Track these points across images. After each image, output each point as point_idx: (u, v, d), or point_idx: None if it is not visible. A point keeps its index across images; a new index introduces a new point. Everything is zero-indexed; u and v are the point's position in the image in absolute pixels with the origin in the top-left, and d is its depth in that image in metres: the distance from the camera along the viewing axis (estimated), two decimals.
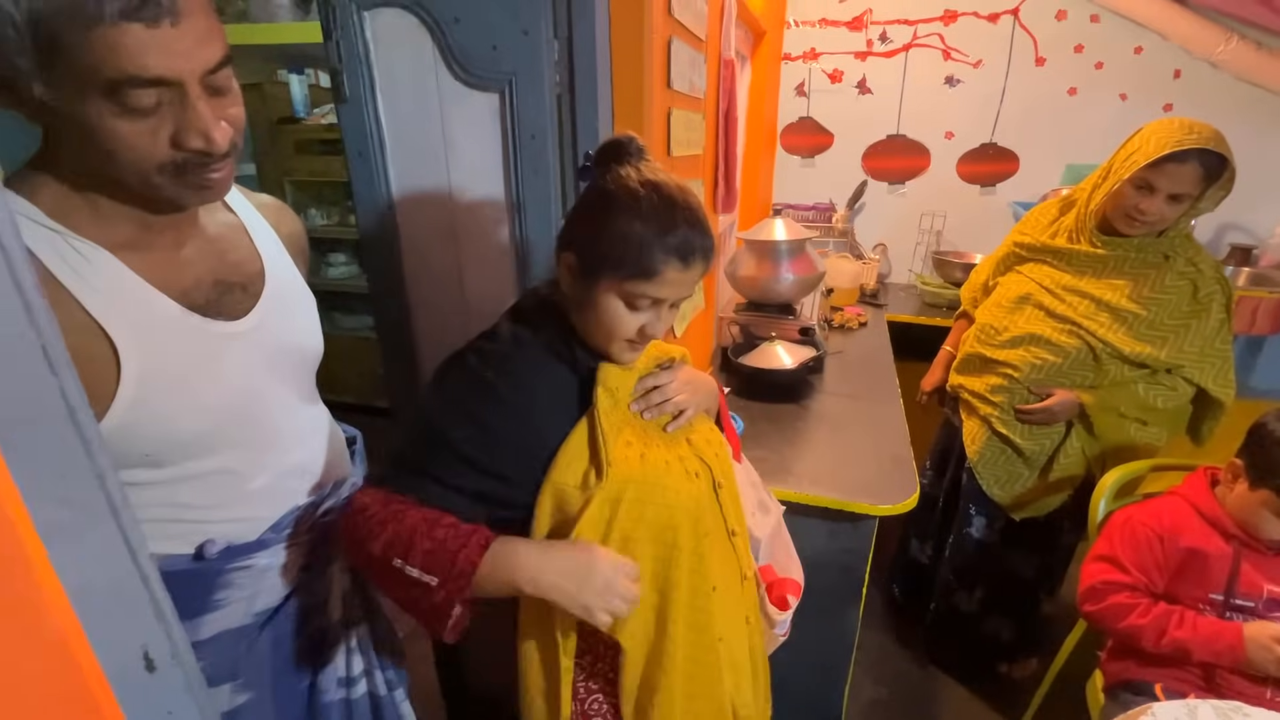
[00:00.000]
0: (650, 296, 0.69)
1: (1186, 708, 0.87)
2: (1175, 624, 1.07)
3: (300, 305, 0.75)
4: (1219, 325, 1.33)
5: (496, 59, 0.98)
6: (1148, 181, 1.25)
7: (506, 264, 1.11)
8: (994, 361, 1.51)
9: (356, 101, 1.03)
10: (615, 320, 0.70)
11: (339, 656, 0.80)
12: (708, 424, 0.88)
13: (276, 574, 0.72)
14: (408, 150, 1.08)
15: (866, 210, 2.73)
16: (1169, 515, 1.15)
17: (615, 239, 0.67)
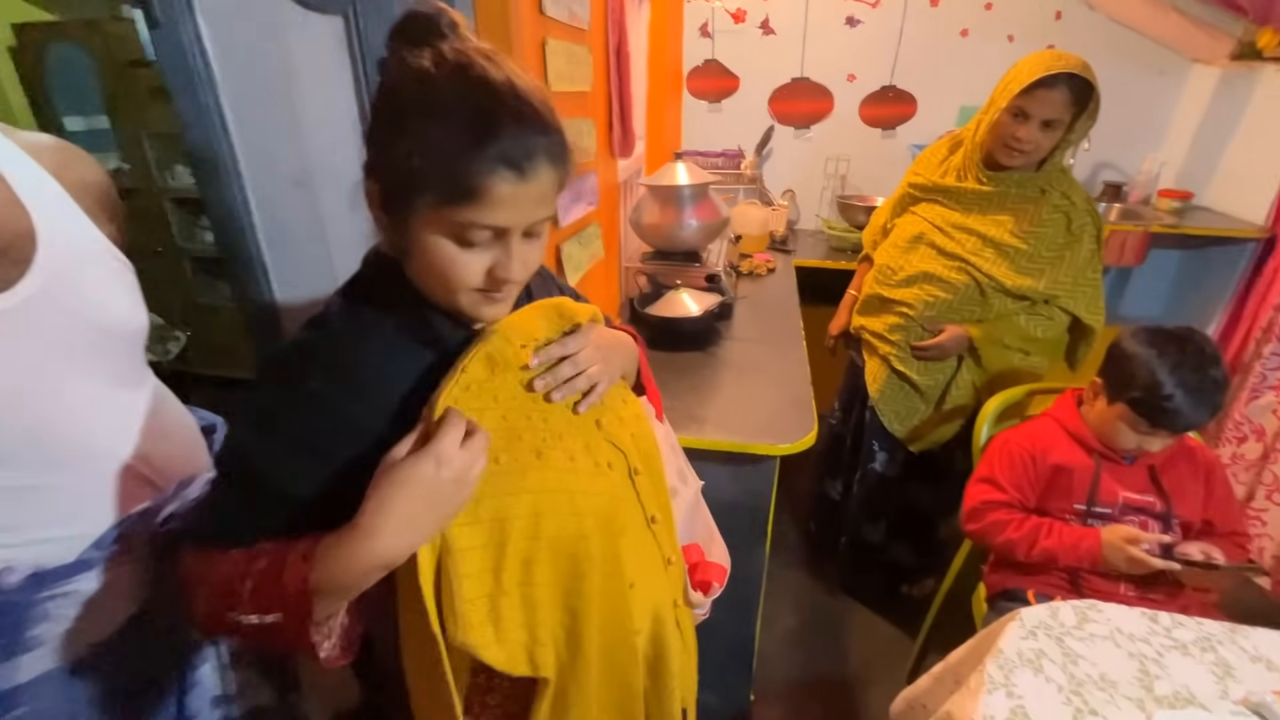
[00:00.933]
0: (484, 225, 0.53)
1: (1049, 609, 0.93)
2: (1044, 535, 1.15)
3: (102, 271, 0.61)
4: (1090, 256, 1.41)
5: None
6: (1022, 109, 1.29)
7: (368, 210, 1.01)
8: (891, 301, 1.55)
9: (172, 26, 0.89)
10: (448, 265, 0.54)
11: (209, 676, 0.70)
12: (622, 393, 0.74)
13: (109, 597, 0.61)
14: (244, 86, 0.94)
15: (774, 156, 2.73)
16: (1040, 435, 1.23)
17: (416, 151, 0.50)
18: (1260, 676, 0.84)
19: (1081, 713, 0.78)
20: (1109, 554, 1.09)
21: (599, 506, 0.62)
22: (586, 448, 0.64)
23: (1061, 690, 0.80)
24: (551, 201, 0.57)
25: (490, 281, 0.57)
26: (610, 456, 0.67)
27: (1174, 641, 0.89)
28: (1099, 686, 0.81)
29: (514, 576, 0.58)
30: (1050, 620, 0.91)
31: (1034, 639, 0.88)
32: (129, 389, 0.66)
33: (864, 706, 1.60)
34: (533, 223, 0.56)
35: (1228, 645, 0.88)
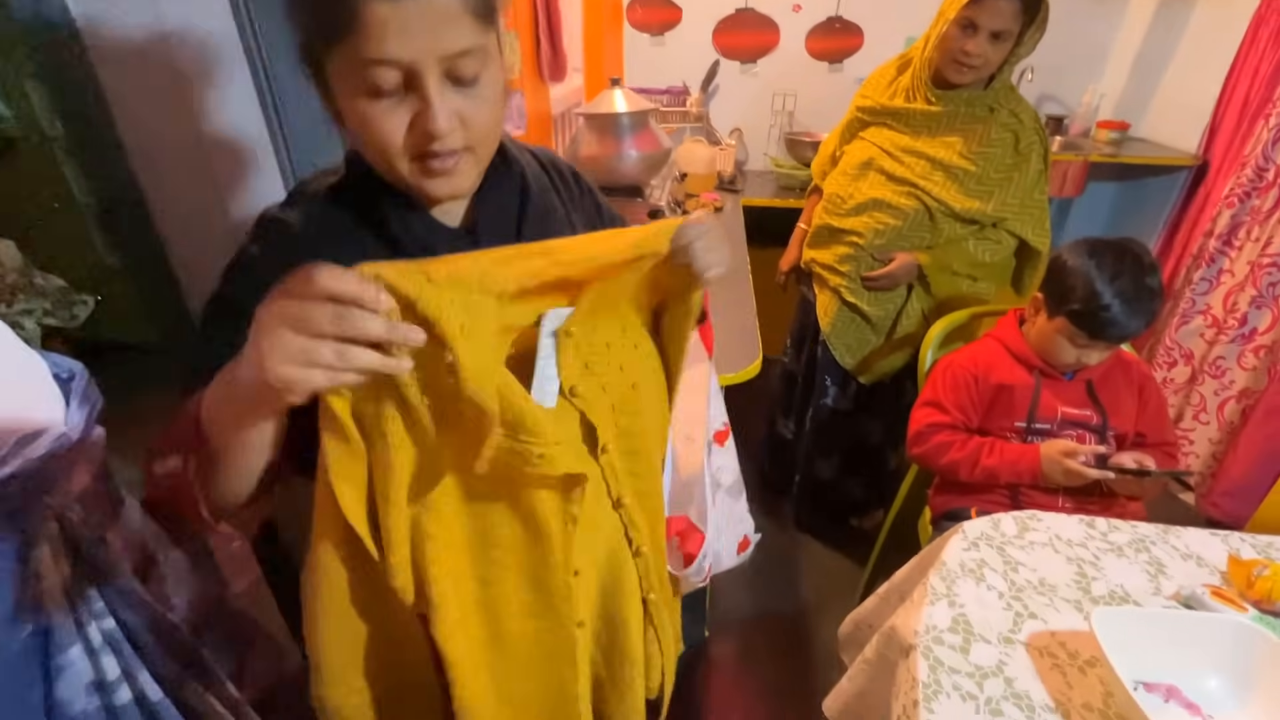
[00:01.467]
0: (376, 60, 0.46)
1: (991, 521, 0.93)
2: (986, 454, 1.15)
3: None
4: (1037, 176, 1.39)
5: None
6: (971, 19, 1.25)
7: (258, 131, 0.90)
8: (841, 231, 1.52)
9: None
10: (366, 125, 0.49)
11: (79, 660, 0.62)
12: (635, 335, 0.62)
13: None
14: None
15: (721, 93, 2.63)
16: (983, 356, 1.22)
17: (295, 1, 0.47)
18: (1191, 572, 0.85)
19: (1021, 616, 0.77)
20: (1047, 468, 1.09)
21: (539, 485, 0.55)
22: (550, 417, 0.54)
23: (1002, 597, 0.80)
24: (463, 27, 0.48)
25: (419, 139, 0.50)
26: (570, 433, 0.58)
27: (1110, 545, 0.90)
28: (1039, 591, 0.81)
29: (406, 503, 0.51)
30: (992, 531, 0.91)
31: (976, 550, 0.87)
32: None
33: (815, 634, 1.63)
34: (444, 56, 0.48)
35: (1160, 545, 0.90)
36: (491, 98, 0.53)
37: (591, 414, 0.59)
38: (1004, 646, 0.73)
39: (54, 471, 0.60)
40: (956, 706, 0.66)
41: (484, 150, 0.55)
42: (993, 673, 0.70)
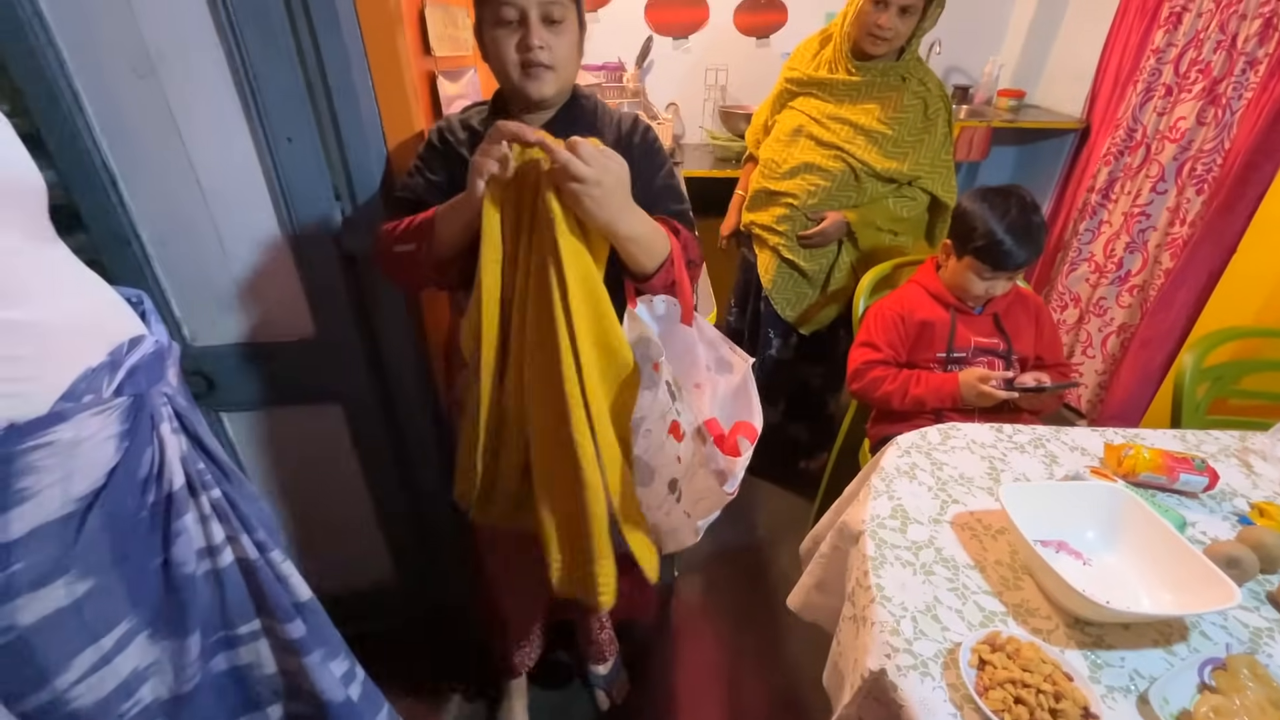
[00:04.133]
0: (505, 3, 0.80)
1: (919, 433, 1.09)
2: (914, 384, 1.32)
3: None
4: (944, 138, 1.56)
5: None
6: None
7: (231, 104, 0.92)
8: (777, 193, 1.65)
9: None
10: (496, 47, 0.84)
11: (192, 526, 0.71)
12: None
13: (90, 448, 0.63)
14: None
15: (656, 69, 2.71)
16: (907, 298, 1.38)
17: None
18: (1077, 460, 1.04)
19: (946, 503, 0.93)
20: (965, 392, 1.27)
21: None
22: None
23: (931, 490, 0.96)
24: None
25: (520, 51, 0.83)
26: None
27: (1014, 444, 1.07)
28: (959, 483, 0.97)
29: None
30: (920, 441, 1.07)
31: (908, 456, 1.03)
32: (48, 248, 0.65)
33: (772, 563, 1.79)
34: (542, 3, 0.81)
35: (1054, 441, 1.08)
36: (569, 39, 0.86)
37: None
38: (933, 526, 0.89)
39: (161, 366, 0.71)
40: (898, 571, 0.81)
41: (562, 72, 0.87)
42: (925, 545, 0.85)
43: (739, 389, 0.97)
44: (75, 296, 0.66)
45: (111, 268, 1.01)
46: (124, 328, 0.70)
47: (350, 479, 1.31)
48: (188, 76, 0.90)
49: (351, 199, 1.03)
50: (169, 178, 0.97)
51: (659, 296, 0.91)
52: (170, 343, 0.76)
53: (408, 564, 1.44)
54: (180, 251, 1.03)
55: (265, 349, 1.13)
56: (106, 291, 0.72)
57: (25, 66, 0.85)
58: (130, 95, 0.91)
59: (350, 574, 1.45)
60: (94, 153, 0.93)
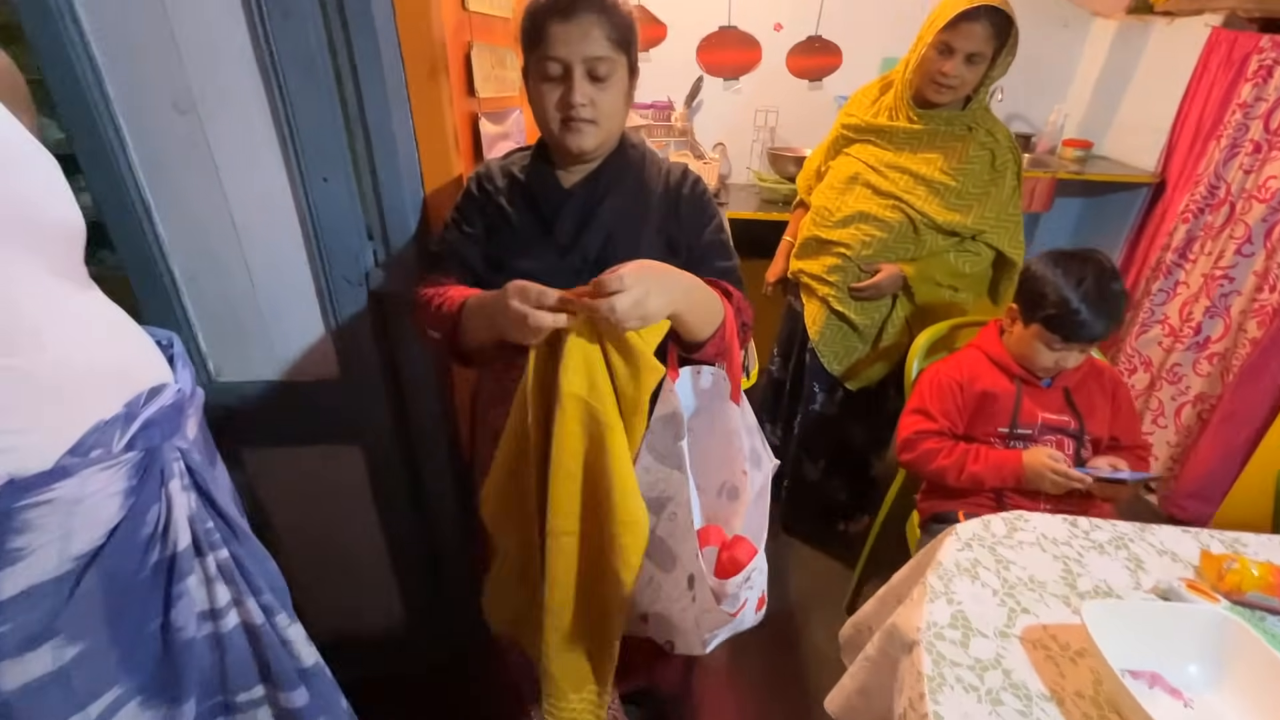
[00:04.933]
0: (549, 58, 0.78)
1: (982, 523, 0.98)
2: (971, 460, 1.20)
3: (23, 164, 0.56)
4: (1012, 192, 1.47)
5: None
6: (947, 44, 1.32)
7: (268, 142, 0.90)
8: (829, 242, 1.57)
9: None
10: (539, 99, 0.81)
11: (195, 588, 0.68)
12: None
13: (92, 506, 0.59)
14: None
15: (704, 108, 2.68)
16: (967, 365, 1.28)
17: (521, 34, 0.81)
18: (1167, 567, 0.91)
19: (1015, 611, 0.82)
20: (1030, 474, 1.15)
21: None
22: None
23: (996, 594, 0.84)
24: (602, 44, 0.78)
25: (564, 106, 0.80)
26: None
27: (1092, 542, 0.95)
28: (1029, 587, 0.86)
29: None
30: (983, 532, 0.96)
31: (969, 550, 0.92)
32: (77, 291, 0.63)
33: (806, 635, 1.66)
34: (587, 58, 0.78)
35: (1138, 542, 0.95)
36: (615, 92, 0.83)
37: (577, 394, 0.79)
38: (1000, 640, 0.77)
39: (179, 418, 0.68)
40: (960, 697, 0.70)
41: (605, 125, 0.84)
42: (991, 665, 0.74)
43: (760, 493, 0.87)
44: (98, 343, 0.63)
45: (141, 298, 1.00)
46: (146, 375, 0.67)
47: (365, 521, 1.26)
48: (228, 113, 0.89)
49: (384, 240, 1.00)
50: (203, 211, 0.95)
51: (707, 368, 0.84)
52: (194, 389, 0.73)
53: (419, 611, 1.38)
54: (210, 285, 1.01)
55: (288, 387, 1.09)
56: (134, 337, 0.69)
57: (70, 96, 0.85)
58: (170, 129, 0.89)
59: (360, 616, 1.39)
60: (130, 183, 0.92)
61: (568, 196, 0.88)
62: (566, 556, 0.81)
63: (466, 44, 1.02)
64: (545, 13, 0.77)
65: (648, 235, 0.90)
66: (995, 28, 1.30)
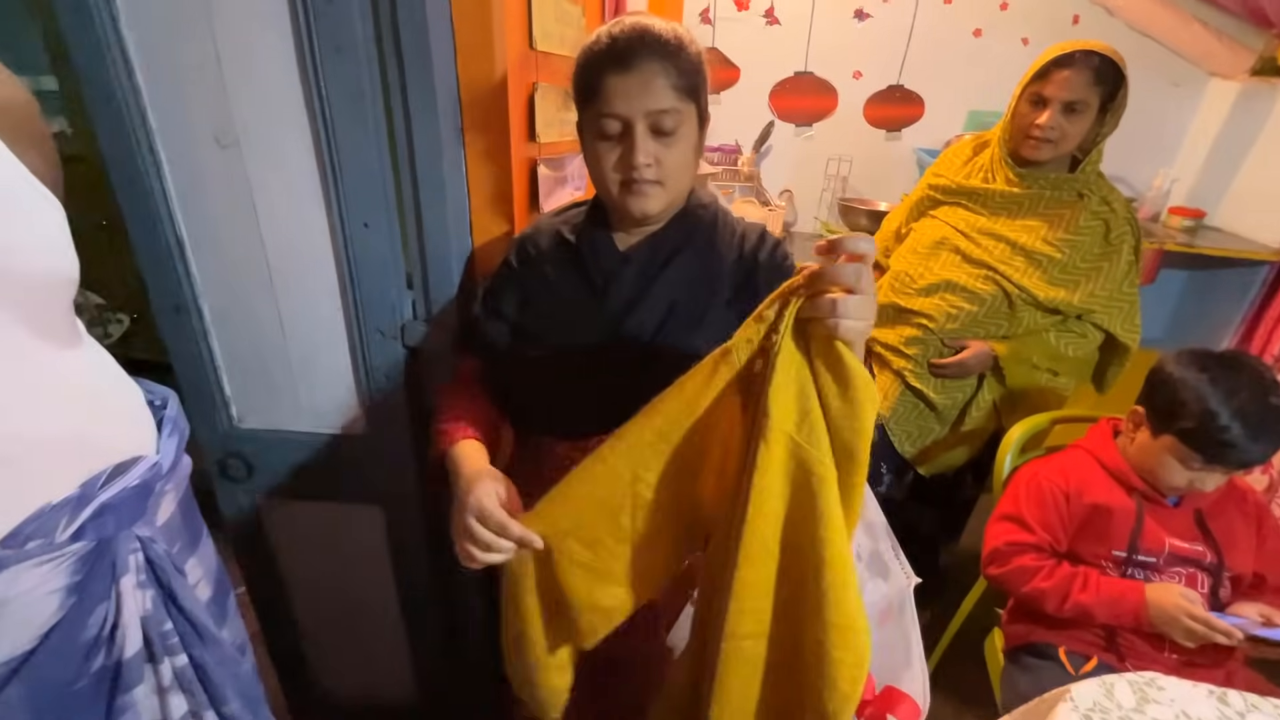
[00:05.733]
0: (607, 115, 0.69)
1: (1104, 686, 0.79)
2: (1079, 587, 1.02)
3: (18, 208, 0.50)
4: (1128, 268, 1.29)
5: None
6: (1039, 93, 1.20)
7: (310, 183, 0.83)
8: (909, 311, 1.41)
9: None
10: (596, 159, 0.72)
11: (143, 700, 0.58)
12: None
13: (23, 605, 0.51)
14: (153, 20, 0.76)
15: (773, 154, 2.58)
16: (1074, 470, 1.09)
17: (574, 85, 0.73)
18: None
19: None
20: (1156, 615, 0.95)
21: None
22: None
23: None
24: (666, 95, 0.68)
25: (624, 168, 0.71)
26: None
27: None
28: None
29: None
30: (1106, 700, 0.77)
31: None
32: (52, 351, 0.54)
33: None
34: (650, 112, 0.68)
35: None
36: (682, 148, 0.72)
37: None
38: None
39: (144, 501, 0.59)
40: None
41: (672, 185, 0.73)
42: None
43: (894, 613, 0.70)
44: (62, 411, 0.54)
45: (166, 336, 0.94)
46: (116, 447, 0.58)
47: (381, 586, 1.15)
48: (270, 150, 0.82)
49: (425, 292, 0.91)
50: (237, 251, 0.89)
51: None
52: (178, 461, 0.64)
53: (430, 688, 1.26)
54: (238, 328, 0.94)
55: (312, 440, 1.01)
56: (114, 401, 0.61)
57: (110, 120, 0.79)
58: (210, 164, 0.83)
59: (369, 687, 1.28)
60: (166, 217, 0.86)
61: (623, 262, 0.78)
62: (750, 666, 0.60)
63: (530, 85, 0.94)
64: (600, 63, 0.68)
65: (715, 309, 0.78)
66: (1096, 74, 1.17)
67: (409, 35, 0.75)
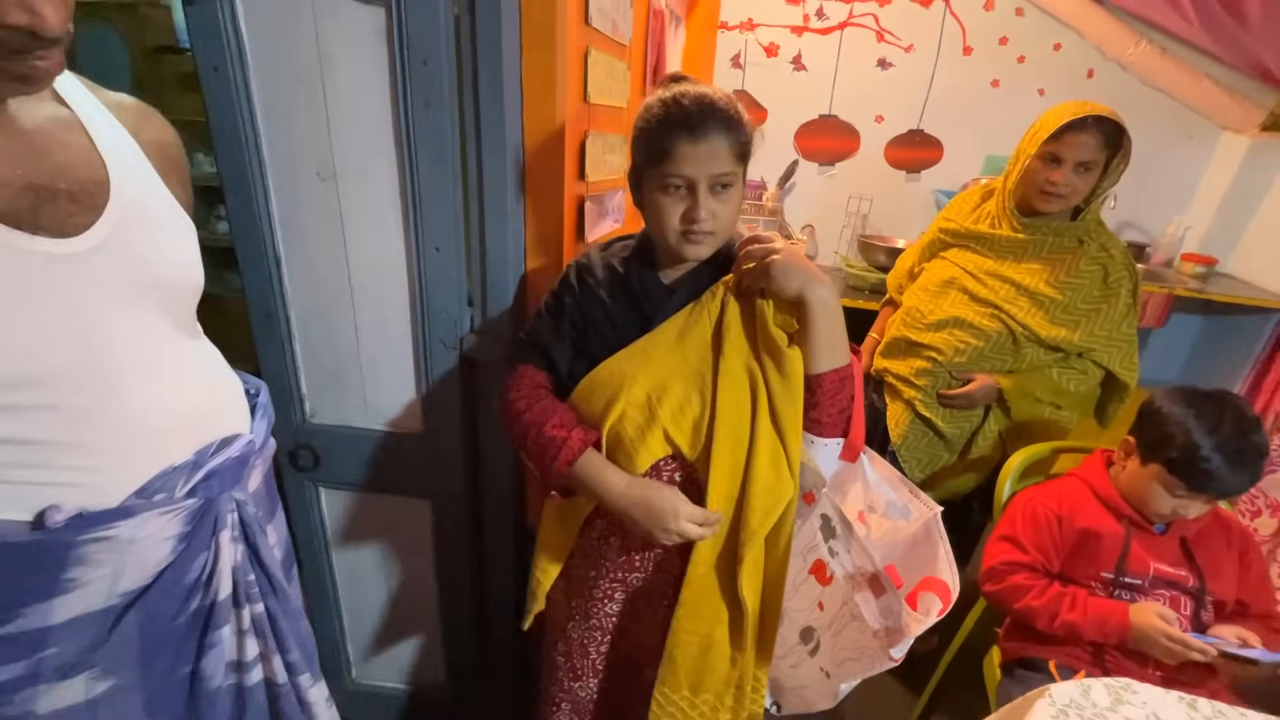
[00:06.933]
0: (675, 175, 0.77)
1: (1080, 687, 0.87)
2: (1067, 606, 1.09)
3: (167, 227, 0.63)
4: (1126, 310, 1.37)
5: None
6: (1054, 154, 1.29)
7: (393, 212, 0.97)
8: (919, 345, 1.51)
9: (208, 4, 0.86)
10: (660, 211, 0.80)
11: (228, 638, 0.69)
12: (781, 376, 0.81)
13: (146, 547, 0.61)
14: (275, 68, 0.91)
15: (796, 190, 2.71)
16: (1067, 496, 1.17)
17: (638, 140, 0.81)
18: None
19: None
20: (1139, 636, 1.03)
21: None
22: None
23: None
24: (728, 160, 0.78)
25: (684, 221, 0.80)
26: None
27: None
28: None
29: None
30: (1082, 699, 0.85)
31: (1066, 719, 0.82)
32: (181, 342, 0.67)
33: None
34: (713, 175, 0.77)
35: None
36: (733, 205, 0.82)
37: (675, 436, 0.85)
38: None
39: (241, 470, 0.70)
40: None
41: (721, 235, 0.83)
42: None
43: (916, 540, 0.86)
44: (184, 393, 0.66)
45: (258, 337, 1.08)
46: (222, 425, 0.70)
47: (423, 575, 1.27)
48: (362, 183, 0.96)
49: (483, 309, 1.04)
50: (325, 268, 1.03)
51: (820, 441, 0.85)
52: (266, 441, 0.76)
53: (461, 676, 1.36)
54: (318, 334, 1.08)
55: (374, 436, 1.13)
56: (222, 387, 0.73)
57: (230, 152, 0.94)
58: (310, 193, 0.98)
59: (402, 672, 1.39)
60: (267, 236, 1.00)
61: (669, 294, 0.88)
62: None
63: (583, 132, 1.08)
64: (672, 129, 0.76)
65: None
66: (1105, 136, 1.26)
67: (487, 92, 0.89)
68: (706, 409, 0.82)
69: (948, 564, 0.84)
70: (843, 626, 0.88)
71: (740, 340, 0.82)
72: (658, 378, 0.83)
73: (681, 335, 0.84)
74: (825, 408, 0.84)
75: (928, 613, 0.81)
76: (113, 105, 0.62)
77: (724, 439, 0.81)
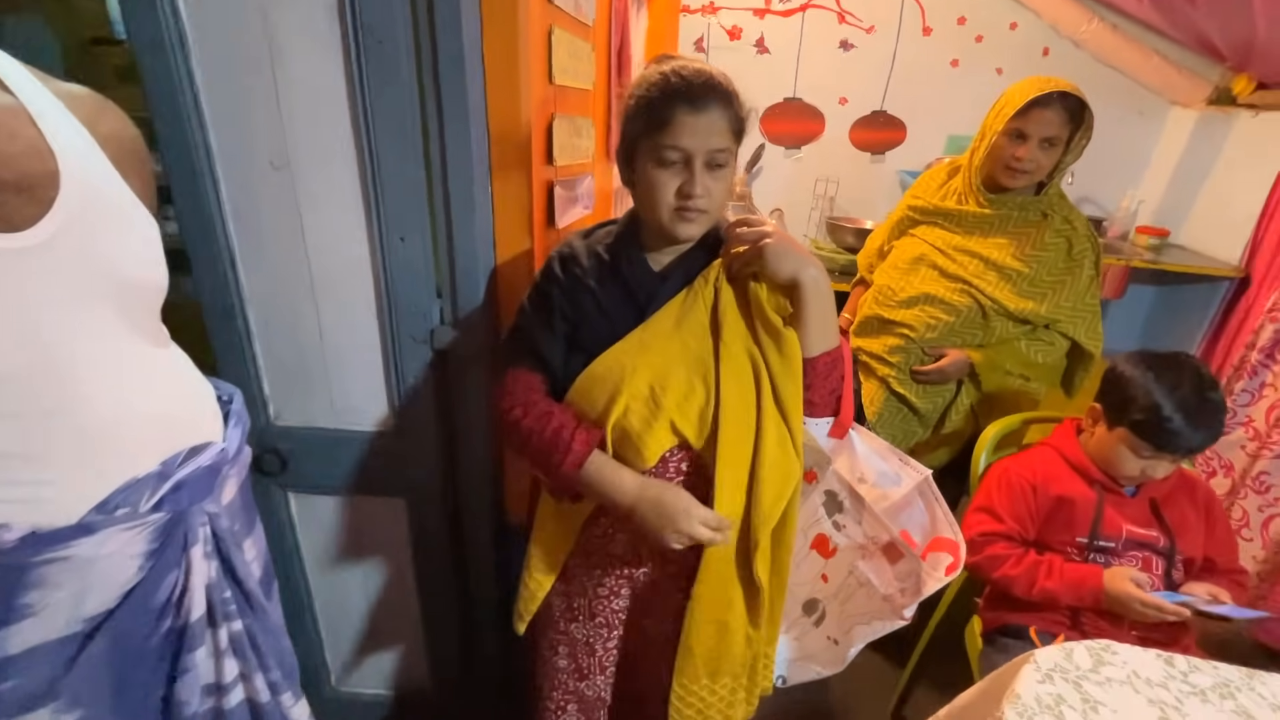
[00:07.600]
0: (672, 146, 0.75)
1: (1063, 651, 0.89)
2: (1044, 574, 1.11)
3: (124, 223, 0.59)
4: (1089, 281, 1.41)
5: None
6: (1019, 130, 1.30)
7: (354, 202, 0.93)
8: (891, 322, 1.52)
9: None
10: (654, 185, 0.77)
11: (203, 661, 0.65)
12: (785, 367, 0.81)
13: (110, 566, 0.58)
14: (220, 57, 0.86)
15: (764, 174, 2.71)
16: (1040, 465, 1.20)
17: (634, 111, 0.78)
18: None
19: None
20: (1113, 600, 1.05)
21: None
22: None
23: None
24: (725, 136, 0.77)
25: (680, 197, 0.77)
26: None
27: (1192, 687, 0.85)
28: None
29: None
30: (1065, 663, 0.87)
31: (1050, 683, 0.83)
32: (144, 346, 0.63)
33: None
34: (710, 150, 0.75)
35: (1246, 692, 0.85)
36: (725, 185, 0.81)
37: (680, 425, 0.83)
38: None
39: (213, 481, 0.66)
40: None
41: (712, 213, 0.81)
42: None
43: (909, 503, 0.88)
44: (150, 399, 0.62)
45: (215, 339, 1.02)
46: (192, 432, 0.66)
47: (402, 576, 1.23)
48: (318, 171, 0.92)
49: (453, 300, 1.00)
50: (284, 263, 0.98)
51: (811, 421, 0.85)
52: (241, 449, 0.72)
53: (445, 676, 1.33)
54: (280, 332, 1.03)
55: (343, 436, 1.09)
56: (192, 392, 0.69)
57: (176, 144, 0.89)
58: (263, 184, 0.93)
59: (384, 678, 1.35)
60: (220, 230, 0.95)
61: (661, 281, 0.85)
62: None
63: (549, 115, 1.05)
64: (672, 99, 0.74)
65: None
66: (1069, 112, 1.28)
67: (447, 72, 0.86)
68: (711, 396, 0.80)
69: (947, 524, 0.87)
70: (850, 594, 0.91)
71: (738, 324, 0.81)
72: (659, 367, 0.81)
73: (679, 322, 0.82)
74: (818, 389, 0.84)
75: (936, 566, 0.85)
76: (65, 96, 0.58)
77: (731, 425, 0.80)
